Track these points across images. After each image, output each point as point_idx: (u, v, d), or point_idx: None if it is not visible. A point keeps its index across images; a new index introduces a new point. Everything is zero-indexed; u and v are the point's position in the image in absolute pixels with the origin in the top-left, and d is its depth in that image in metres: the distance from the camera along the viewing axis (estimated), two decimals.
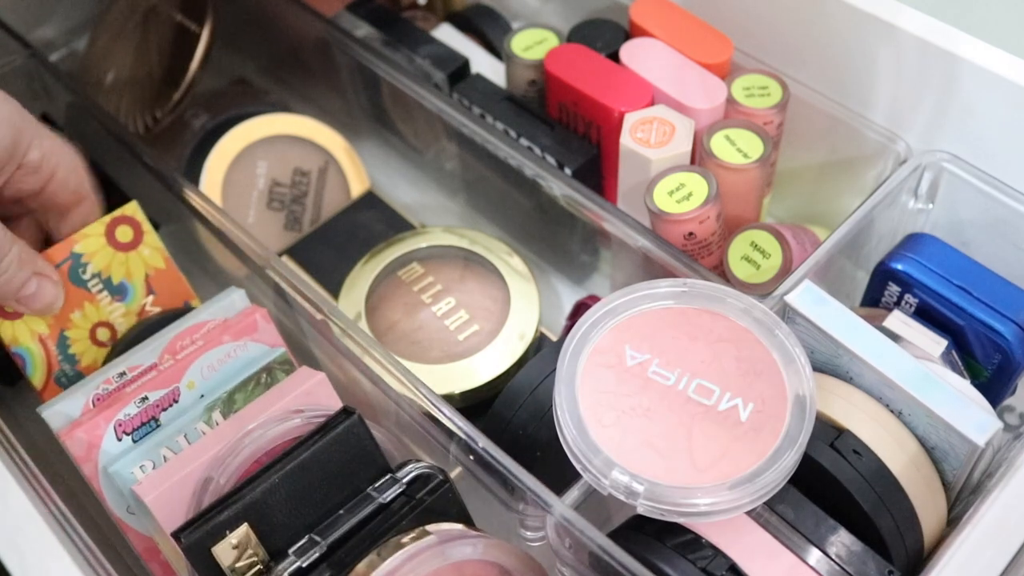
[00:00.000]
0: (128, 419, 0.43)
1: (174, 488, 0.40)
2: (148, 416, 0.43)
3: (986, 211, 0.47)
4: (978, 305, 0.44)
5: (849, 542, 0.37)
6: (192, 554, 0.37)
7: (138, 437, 0.43)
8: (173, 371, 0.44)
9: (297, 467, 0.39)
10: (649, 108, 0.50)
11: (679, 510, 0.36)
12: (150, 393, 0.43)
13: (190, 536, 0.37)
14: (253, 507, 0.38)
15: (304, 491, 0.39)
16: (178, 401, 0.44)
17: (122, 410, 0.43)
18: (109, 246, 0.49)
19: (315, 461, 0.39)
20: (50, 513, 0.39)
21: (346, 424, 0.40)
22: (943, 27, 0.47)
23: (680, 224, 0.46)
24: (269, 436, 0.41)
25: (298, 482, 0.39)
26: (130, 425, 0.43)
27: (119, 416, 0.43)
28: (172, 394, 0.44)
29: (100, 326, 0.49)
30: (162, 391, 0.44)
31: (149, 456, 0.42)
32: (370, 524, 0.39)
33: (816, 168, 0.55)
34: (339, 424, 0.40)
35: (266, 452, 0.41)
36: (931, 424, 0.39)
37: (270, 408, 0.42)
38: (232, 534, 0.37)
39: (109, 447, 0.42)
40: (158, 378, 0.44)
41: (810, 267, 0.44)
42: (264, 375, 0.45)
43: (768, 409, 0.37)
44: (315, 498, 0.39)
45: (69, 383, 0.48)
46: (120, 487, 0.42)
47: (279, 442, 0.41)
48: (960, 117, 0.48)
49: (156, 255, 0.50)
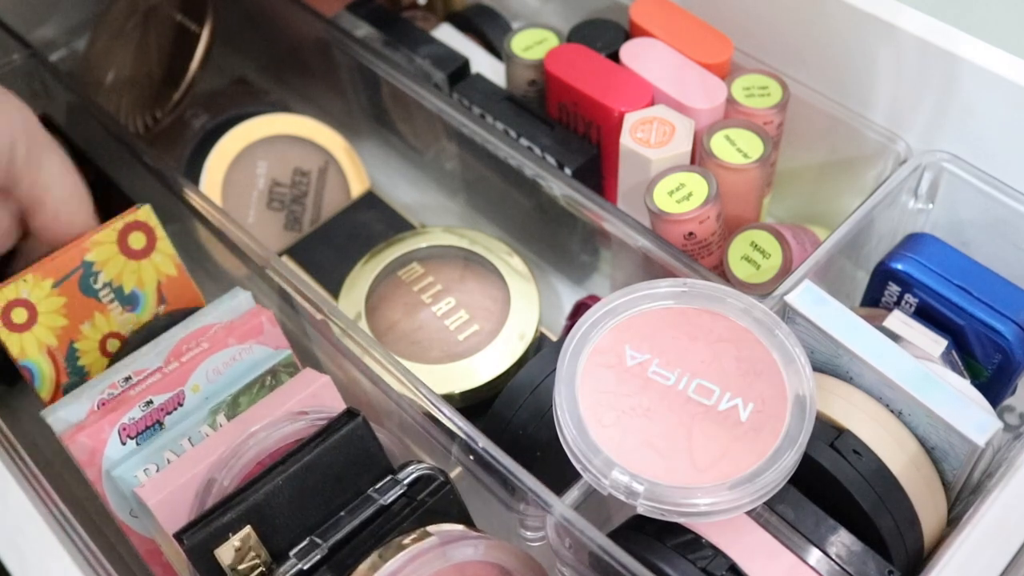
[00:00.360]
0: (132, 423, 0.43)
1: (177, 491, 0.40)
2: (153, 420, 0.43)
3: (986, 211, 0.47)
4: (978, 305, 0.44)
5: (849, 542, 0.37)
6: (194, 556, 0.37)
7: (142, 441, 0.42)
8: (178, 374, 0.43)
9: (301, 469, 0.39)
10: (649, 108, 0.50)
11: (679, 510, 0.36)
12: (155, 397, 0.43)
13: (192, 537, 0.37)
14: (256, 509, 0.38)
15: (307, 493, 0.39)
16: (183, 404, 0.44)
17: (127, 414, 0.42)
18: (121, 254, 0.47)
19: (318, 463, 0.39)
20: (50, 514, 0.39)
21: (351, 426, 0.40)
22: (943, 27, 0.47)
23: (680, 224, 0.46)
24: (273, 438, 0.41)
25: (301, 484, 0.39)
26: (134, 429, 0.42)
27: (123, 420, 0.42)
28: (177, 397, 0.44)
29: (110, 337, 0.48)
30: (167, 395, 0.43)
31: (152, 460, 0.42)
32: (371, 526, 0.39)
33: (816, 168, 0.55)
34: (343, 426, 0.40)
35: (270, 454, 0.41)
36: (931, 424, 0.39)
37: (274, 410, 0.42)
38: (235, 536, 0.37)
39: (113, 451, 0.42)
40: (163, 381, 0.43)
41: (810, 267, 0.44)
42: (269, 377, 0.45)
43: (768, 409, 0.37)
44: (317, 500, 0.39)
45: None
46: (123, 491, 0.42)
47: (283, 444, 0.41)
48: (960, 117, 0.48)
49: (168, 262, 0.48)
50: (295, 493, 0.38)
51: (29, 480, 0.40)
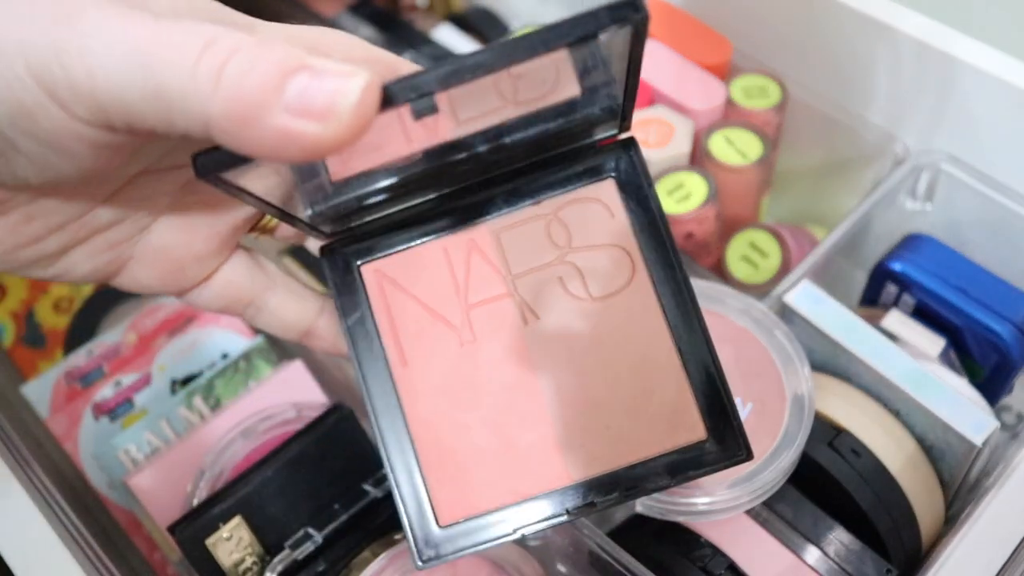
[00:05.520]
0: (104, 401, 0.48)
1: (168, 482, 0.42)
2: (123, 398, 0.48)
3: (983, 211, 0.47)
4: (975, 305, 0.44)
5: (847, 541, 0.38)
6: (187, 547, 0.37)
7: (114, 417, 0.47)
8: (144, 357, 0.49)
9: (290, 461, 0.39)
10: (648, 108, 0.50)
11: (678, 509, 0.36)
12: (123, 376, 0.48)
13: (184, 531, 0.37)
14: (247, 500, 0.38)
15: (298, 485, 0.39)
16: (150, 384, 0.48)
17: (99, 392, 0.48)
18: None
19: (308, 455, 0.40)
20: (30, 482, 0.39)
21: (335, 418, 0.41)
22: (941, 29, 0.47)
23: (679, 224, 0.47)
24: (262, 430, 0.42)
25: (292, 476, 0.39)
26: (106, 407, 0.47)
27: (96, 399, 0.47)
28: (145, 378, 0.48)
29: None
30: (135, 375, 0.48)
31: (132, 440, 0.45)
32: (365, 518, 0.39)
33: (814, 169, 0.55)
34: (330, 418, 0.41)
35: (258, 446, 0.43)
36: (929, 423, 0.39)
37: (263, 402, 0.43)
38: (225, 526, 0.38)
39: (88, 427, 0.47)
40: (131, 363, 0.49)
41: (808, 267, 0.45)
42: (242, 362, 0.48)
43: (767, 409, 0.38)
44: (309, 492, 0.39)
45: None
46: (102, 465, 0.45)
47: (272, 436, 0.43)
48: (958, 118, 0.48)
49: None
50: (285, 485, 0.39)
51: (11, 452, 0.40)
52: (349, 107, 0.21)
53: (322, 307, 0.32)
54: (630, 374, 0.31)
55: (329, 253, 0.32)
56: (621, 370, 0.31)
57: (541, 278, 0.32)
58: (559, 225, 0.32)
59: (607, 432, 0.30)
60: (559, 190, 0.32)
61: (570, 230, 0.32)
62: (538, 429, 0.31)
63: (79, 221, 0.27)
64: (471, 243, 0.32)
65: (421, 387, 0.31)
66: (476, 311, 0.32)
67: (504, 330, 0.31)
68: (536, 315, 0.31)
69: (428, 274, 0.32)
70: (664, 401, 0.30)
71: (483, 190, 0.32)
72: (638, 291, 0.31)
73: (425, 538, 0.30)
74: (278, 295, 0.31)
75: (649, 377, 0.31)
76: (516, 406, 0.31)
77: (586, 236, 0.32)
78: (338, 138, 0.21)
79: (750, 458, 0.30)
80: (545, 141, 0.31)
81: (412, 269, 0.32)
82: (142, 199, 0.28)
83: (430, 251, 0.32)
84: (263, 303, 0.31)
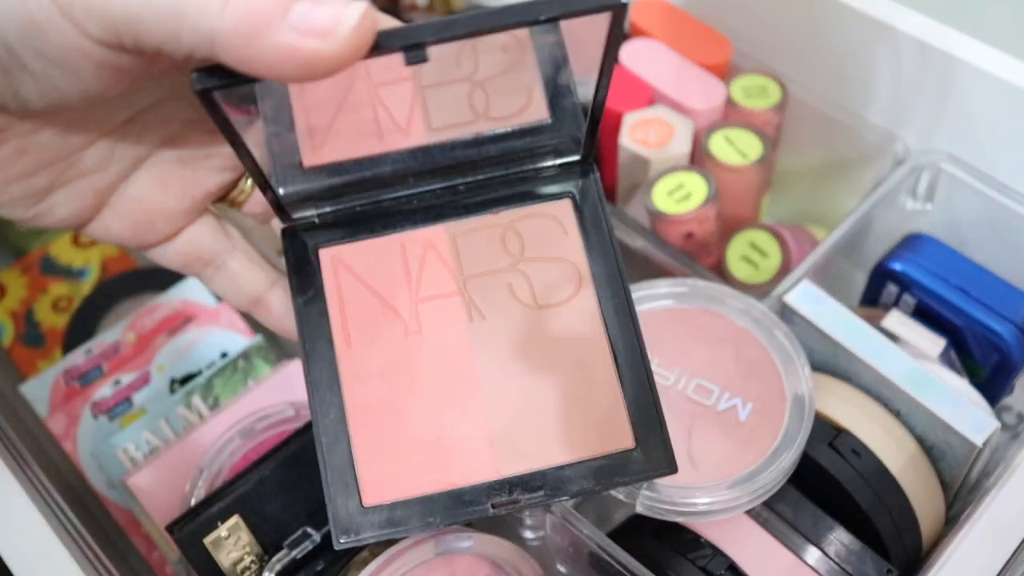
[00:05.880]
0: (103, 400, 0.48)
1: (167, 481, 0.42)
2: (122, 397, 0.48)
3: (984, 211, 0.47)
4: (976, 305, 0.44)
5: (848, 541, 0.37)
6: (185, 547, 0.37)
7: (113, 416, 0.47)
8: (143, 356, 0.49)
9: (289, 460, 0.39)
10: (648, 108, 0.50)
11: (678, 509, 0.36)
12: (122, 376, 0.48)
13: (182, 530, 0.37)
14: (246, 499, 0.38)
15: (296, 484, 0.39)
16: (149, 383, 0.48)
17: (98, 391, 0.48)
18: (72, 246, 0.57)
19: (306, 454, 0.40)
20: (29, 481, 0.39)
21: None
22: (941, 28, 0.47)
23: (679, 224, 0.47)
24: (260, 429, 0.43)
25: (290, 475, 0.39)
26: (105, 406, 0.48)
27: (95, 398, 0.48)
28: (143, 377, 0.49)
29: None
30: (134, 374, 0.49)
31: (131, 439, 0.45)
32: None
33: (815, 168, 0.55)
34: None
35: (257, 445, 0.43)
36: (929, 424, 0.39)
37: (261, 401, 0.44)
38: (224, 525, 0.38)
39: (87, 426, 0.47)
40: (130, 362, 0.49)
41: (809, 267, 0.45)
42: (240, 361, 0.48)
43: (767, 409, 0.38)
44: (308, 491, 0.39)
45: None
46: (101, 465, 0.45)
47: (271, 435, 0.43)
48: (958, 118, 0.48)
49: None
50: (284, 484, 0.39)
51: (10, 451, 0.41)
52: (349, 28, 0.22)
53: (276, 280, 0.34)
54: (567, 380, 0.32)
55: (291, 233, 0.33)
56: (559, 375, 0.32)
57: (491, 282, 0.33)
58: (514, 235, 0.34)
59: (539, 432, 0.31)
60: (518, 204, 0.34)
61: (524, 241, 0.34)
62: (473, 423, 0.32)
63: (67, 160, 0.28)
64: (428, 242, 0.34)
65: (362, 369, 0.32)
66: (425, 305, 0.33)
67: (450, 325, 0.33)
68: (483, 315, 0.33)
69: (383, 265, 0.33)
70: (597, 409, 0.32)
71: (447, 196, 0.34)
72: (583, 304, 0.33)
73: (347, 516, 0.30)
74: (238, 259, 0.33)
75: (585, 385, 0.32)
76: (454, 399, 0.32)
77: (538, 248, 0.34)
78: (337, 56, 0.22)
79: (674, 471, 0.31)
80: (510, 157, 0.33)
81: (368, 259, 0.33)
82: (127, 147, 0.30)
83: (388, 244, 0.34)
84: (222, 263, 0.33)
